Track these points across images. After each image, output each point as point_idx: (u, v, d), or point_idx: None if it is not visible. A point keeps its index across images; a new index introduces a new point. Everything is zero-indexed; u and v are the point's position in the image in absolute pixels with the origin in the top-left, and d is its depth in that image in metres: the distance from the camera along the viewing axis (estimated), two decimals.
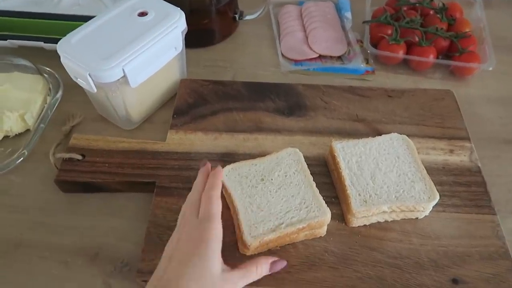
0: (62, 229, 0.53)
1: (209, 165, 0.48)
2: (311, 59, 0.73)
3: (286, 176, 0.51)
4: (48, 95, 0.65)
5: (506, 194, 0.56)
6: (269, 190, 0.50)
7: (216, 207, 0.43)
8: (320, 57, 0.74)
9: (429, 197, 0.50)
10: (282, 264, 0.45)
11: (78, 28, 0.56)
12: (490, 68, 0.67)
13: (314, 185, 0.50)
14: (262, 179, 0.51)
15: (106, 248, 0.51)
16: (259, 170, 0.52)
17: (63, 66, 0.55)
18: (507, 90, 0.69)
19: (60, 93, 0.65)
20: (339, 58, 0.74)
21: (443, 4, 0.76)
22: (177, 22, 0.57)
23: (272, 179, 0.51)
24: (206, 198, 0.44)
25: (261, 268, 0.44)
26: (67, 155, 0.55)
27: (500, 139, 0.63)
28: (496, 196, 0.54)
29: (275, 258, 0.45)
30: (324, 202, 0.49)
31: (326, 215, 0.47)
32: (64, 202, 0.55)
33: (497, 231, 0.50)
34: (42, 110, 0.63)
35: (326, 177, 0.55)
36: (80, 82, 0.55)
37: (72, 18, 0.69)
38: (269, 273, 0.45)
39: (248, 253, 0.47)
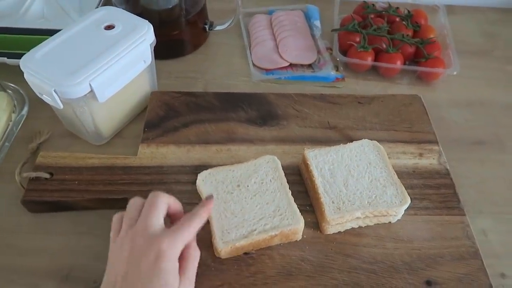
0: (31, 251, 0.51)
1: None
2: (282, 68, 0.74)
3: (262, 183, 0.52)
4: (13, 112, 0.63)
5: (475, 194, 0.58)
6: (244, 196, 0.50)
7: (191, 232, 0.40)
8: (291, 65, 0.74)
9: (400, 201, 0.50)
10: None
11: (43, 42, 0.54)
12: (455, 73, 0.69)
13: (290, 193, 0.51)
14: (238, 185, 0.51)
15: (78, 268, 0.50)
16: (236, 176, 0.52)
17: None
18: (472, 93, 0.72)
19: (25, 109, 0.64)
20: (310, 66, 0.75)
21: (408, 11, 0.78)
22: (145, 35, 0.57)
23: (248, 186, 0.51)
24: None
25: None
26: (34, 174, 0.54)
27: (467, 141, 0.65)
28: (465, 197, 0.55)
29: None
30: (298, 210, 0.49)
31: (299, 223, 0.48)
32: (32, 222, 0.53)
33: (467, 231, 0.52)
34: (7, 128, 0.61)
35: (300, 185, 0.55)
36: (45, 98, 0.53)
37: (37, 32, 0.68)
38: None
39: (223, 255, 0.48)
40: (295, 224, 0.48)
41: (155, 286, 0.36)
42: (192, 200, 0.53)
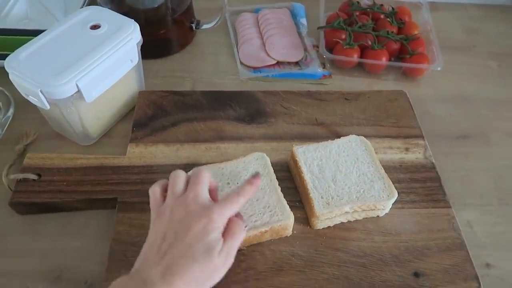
0: (20, 253, 0.51)
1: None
2: (269, 66, 0.74)
3: None
4: None
5: (460, 187, 0.59)
6: None
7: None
8: (278, 63, 0.75)
9: (388, 195, 0.51)
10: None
11: (27, 43, 0.54)
12: (439, 68, 0.70)
13: (279, 189, 0.51)
14: (228, 183, 0.52)
15: (68, 269, 0.50)
16: (225, 173, 0.52)
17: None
18: (456, 88, 0.73)
19: (11, 110, 0.63)
20: (297, 63, 0.75)
21: (393, 8, 0.79)
22: (131, 34, 0.56)
23: (238, 183, 0.52)
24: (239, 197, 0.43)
25: (242, 223, 0.44)
26: (22, 176, 0.53)
27: (452, 135, 0.66)
28: (450, 190, 0.56)
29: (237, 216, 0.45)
30: (287, 206, 0.49)
31: (289, 219, 0.48)
32: (21, 224, 0.53)
33: (453, 223, 0.53)
34: None
35: (289, 181, 0.55)
36: (31, 99, 0.53)
37: (21, 32, 0.67)
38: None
39: None
40: (285, 220, 0.48)
41: (200, 248, 0.39)
42: None
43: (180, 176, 0.45)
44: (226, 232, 0.42)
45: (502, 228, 0.56)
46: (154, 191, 0.45)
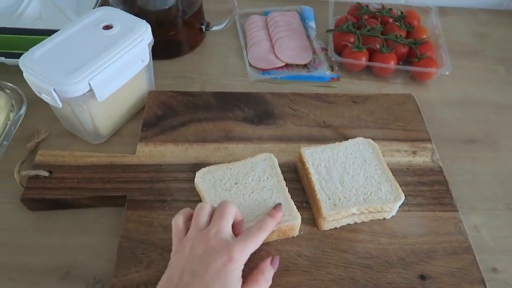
0: (31, 249, 0.51)
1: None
2: (278, 68, 0.75)
3: (259, 180, 0.52)
4: (11, 111, 0.64)
5: (467, 191, 0.59)
6: (242, 194, 0.51)
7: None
8: (287, 65, 0.75)
9: (395, 198, 0.52)
10: (277, 258, 0.46)
11: (41, 42, 0.55)
12: (447, 73, 0.70)
13: (287, 190, 0.52)
14: (236, 183, 0.52)
15: (78, 266, 0.50)
16: (233, 173, 0.53)
17: (26, 81, 0.54)
18: (464, 92, 0.73)
19: (23, 109, 0.64)
20: (305, 66, 0.76)
21: (402, 12, 0.80)
22: (143, 35, 0.57)
23: (245, 183, 0.52)
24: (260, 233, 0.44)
25: (269, 275, 0.44)
26: (33, 172, 0.54)
27: (460, 139, 0.66)
28: (457, 194, 0.56)
29: (269, 258, 0.46)
30: (295, 207, 0.50)
31: (296, 219, 0.49)
32: (32, 220, 0.54)
33: (460, 227, 0.53)
34: (5, 127, 0.62)
35: (297, 182, 0.56)
36: (44, 97, 0.54)
37: (34, 32, 0.68)
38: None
39: None
40: (292, 220, 0.49)
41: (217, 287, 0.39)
42: (190, 197, 0.53)
43: (204, 209, 0.44)
44: (250, 277, 0.42)
45: (509, 232, 0.56)
46: (177, 221, 0.44)
